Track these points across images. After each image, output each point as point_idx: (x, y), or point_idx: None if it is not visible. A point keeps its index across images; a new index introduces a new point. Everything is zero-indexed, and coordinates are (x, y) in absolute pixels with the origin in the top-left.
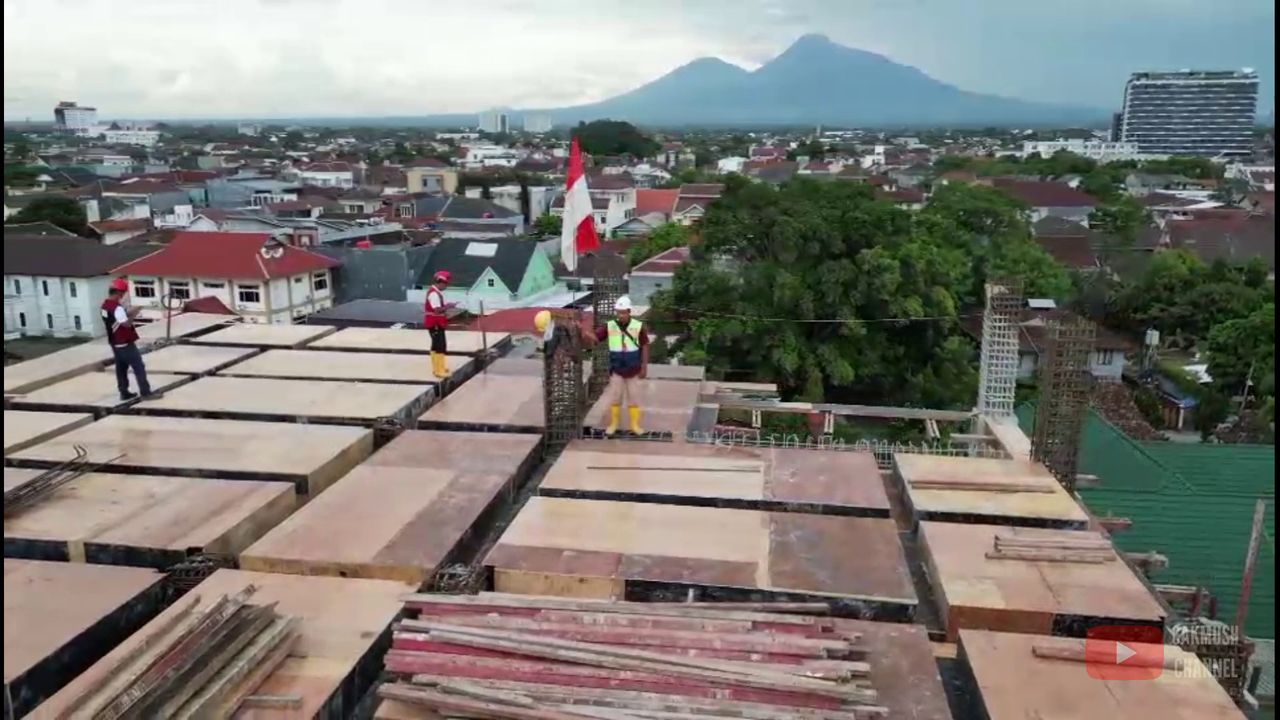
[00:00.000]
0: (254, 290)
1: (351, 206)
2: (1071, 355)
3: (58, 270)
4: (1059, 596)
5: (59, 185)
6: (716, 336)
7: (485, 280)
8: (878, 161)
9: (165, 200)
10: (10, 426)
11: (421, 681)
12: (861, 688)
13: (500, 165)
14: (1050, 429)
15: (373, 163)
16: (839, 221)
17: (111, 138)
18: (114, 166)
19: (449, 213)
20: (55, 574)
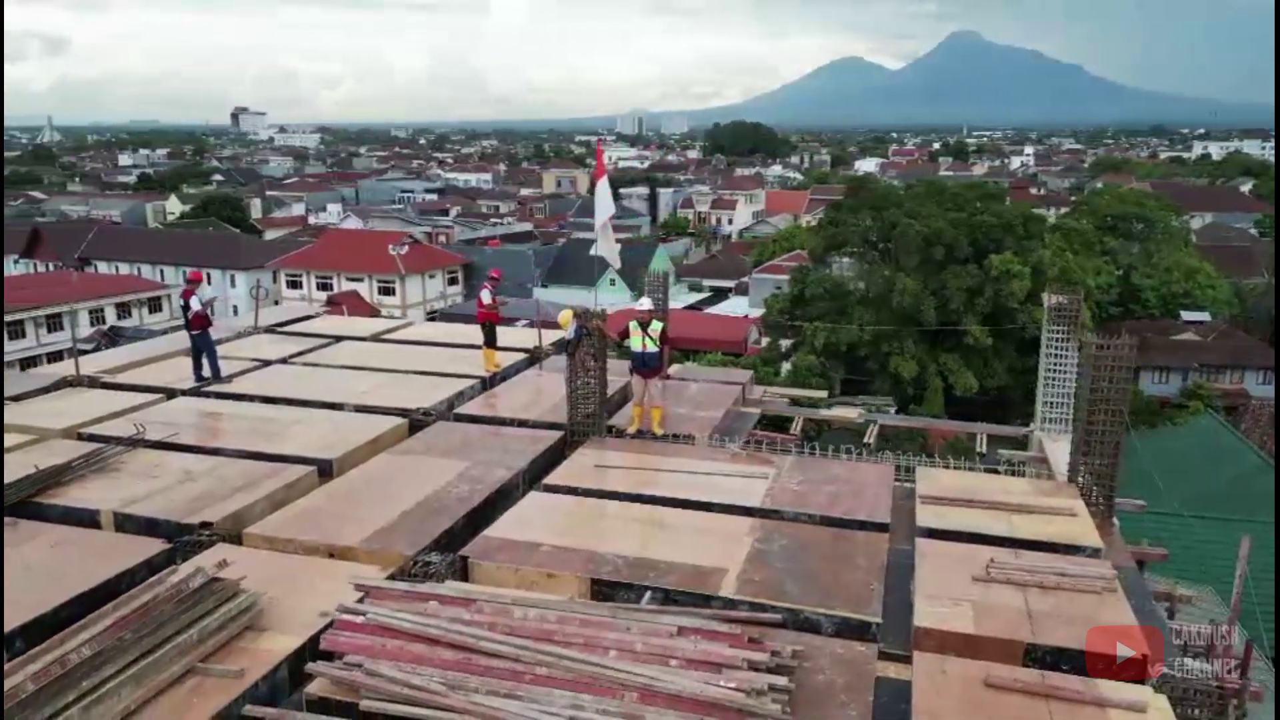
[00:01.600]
0: (390, 285)
1: (488, 206)
2: (1109, 373)
3: (220, 263)
4: (1036, 625)
5: (229, 184)
6: (831, 342)
7: (607, 279)
8: (1026, 163)
9: (320, 199)
10: (92, 403)
11: (350, 662)
12: (777, 701)
13: (632, 167)
14: (1088, 449)
15: (512, 165)
16: (965, 225)
17: (279, 140)
18: (278, 167)
19: (578, 213)
20: (77, 539)
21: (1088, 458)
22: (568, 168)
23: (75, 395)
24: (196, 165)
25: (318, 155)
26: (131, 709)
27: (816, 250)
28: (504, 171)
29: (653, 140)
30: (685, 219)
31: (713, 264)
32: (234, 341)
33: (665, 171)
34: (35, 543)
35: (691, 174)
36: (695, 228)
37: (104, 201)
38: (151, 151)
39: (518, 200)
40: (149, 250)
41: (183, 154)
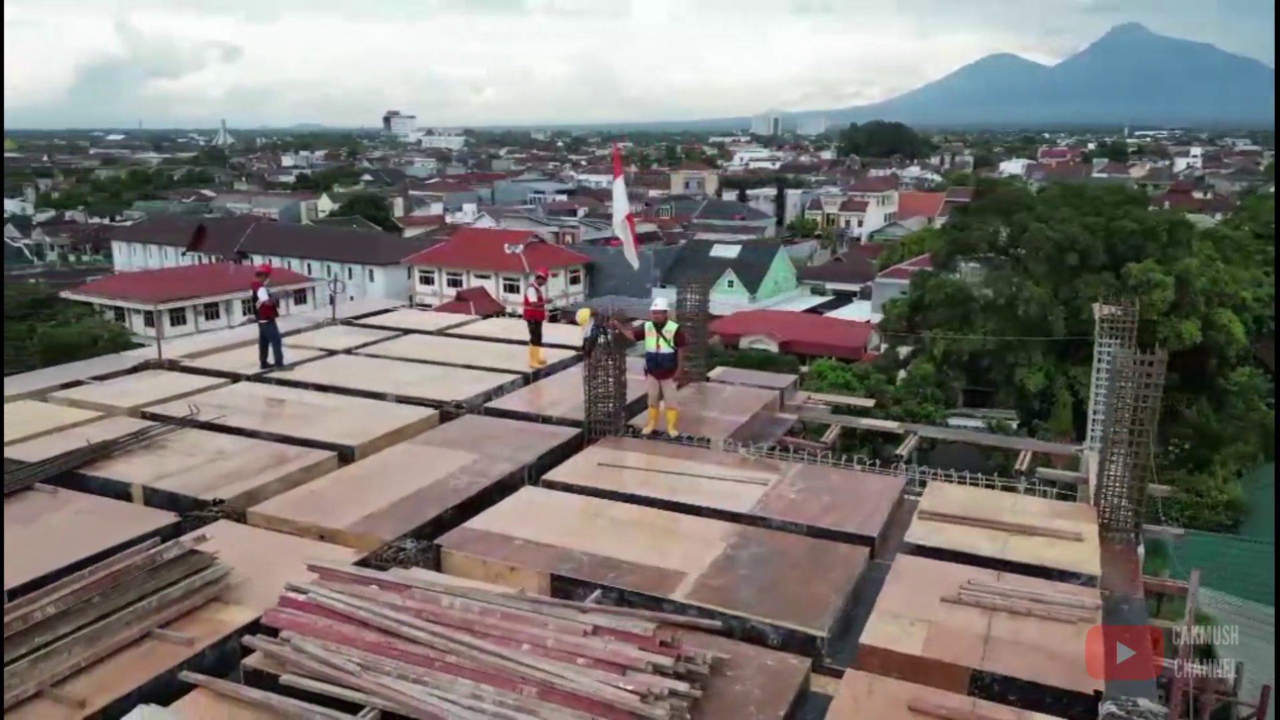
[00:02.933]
0: (515, 283)
1: None
2: (1137, 390)
3: (360, 258)
4: (990, 652)
5: (377, 184)
6: (952, 350)
7: (725, 281)
8: (1193, 165)
9: (458, 199)
10: (162, 385)
11: (284, 638)
12: (677, 707)
13: (763, 168)
14: (1112, 471)
15: (643, 166)
16: (1103, 230)
17: (426, 142)
18: (422, 168)
19: (703, 214)
20: (100, 509)
21: (1112, 480)
22: (697, 169)
23: (152, 377)
24: (349, 166)
25: (460, 157)
26: (81, 666)
27: (940, 254)
28: (634, 173)
29: (786, 141)
30: (813, 221)
31: (837, 267)
32: (310, 332)
33: (797, 172)
34: (64, 511)
35: (824, 175)
36: (823, 230)
37: (265, 200)
38: (310, 153)
39: (644, 201)
40: (298, 245)
41: (338, 156)
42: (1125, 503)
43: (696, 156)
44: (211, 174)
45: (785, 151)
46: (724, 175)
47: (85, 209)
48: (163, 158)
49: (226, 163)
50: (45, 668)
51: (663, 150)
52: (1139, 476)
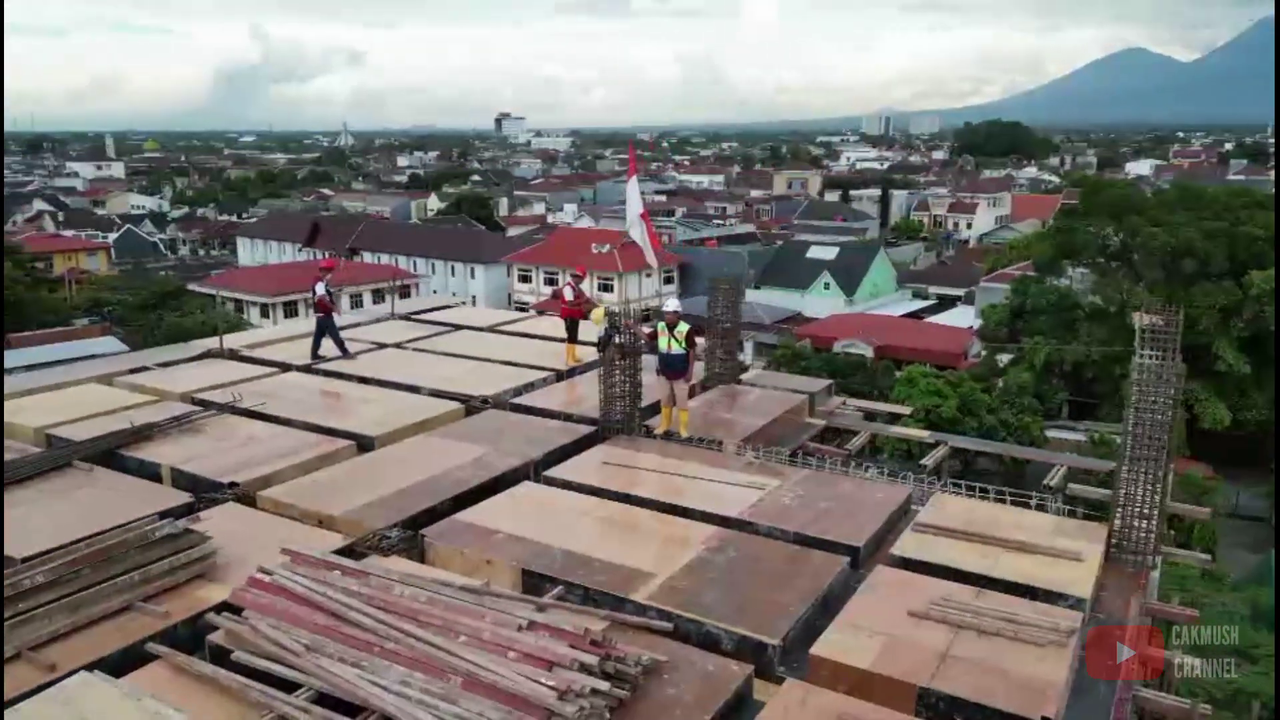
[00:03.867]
0: (610, 282)
1: (715, 208)
2: (1153, 402)
3: (463, 256)
4: (944, 670)
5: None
6: (1054, 359)
7: (821, 283)
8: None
9: (560, 199)
10: (217, 372)
11: (245, 616)
12: (596, 707)
13: (870, 168)
14: (1126, 488)
15: (746, 166)
16: (1224, 236)
17: (535, 144)
18: (528, 169)
19: (804, 215)
20: (124, 487)
21: (1127, 498)
22: (801, 169)
23: (211, 365)
24: (459, 167)
25: (566, 158)
26: (60, 633)
27: (1043, 258)
28: (736, 173)
29: (897, 141)
30: (918, 223)
31: (941, 270)
32: (369, 326)
33: (905, 173)
34: (93, 487)
35: (933, 176)
36: (929, 232)
37: (379, 199)
38: (424, 154)
39: (745, 202)
40: (406, 243)
41: (450, 156)
42: (1142, 523)
43: (802, 157)
44: (331, 174)
45: (895, 151)
46: (828, 176)
47: (215, 206)
48: (288, 158)
49: (346, 163)
50: (25, 631)
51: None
52: (1154, 495)
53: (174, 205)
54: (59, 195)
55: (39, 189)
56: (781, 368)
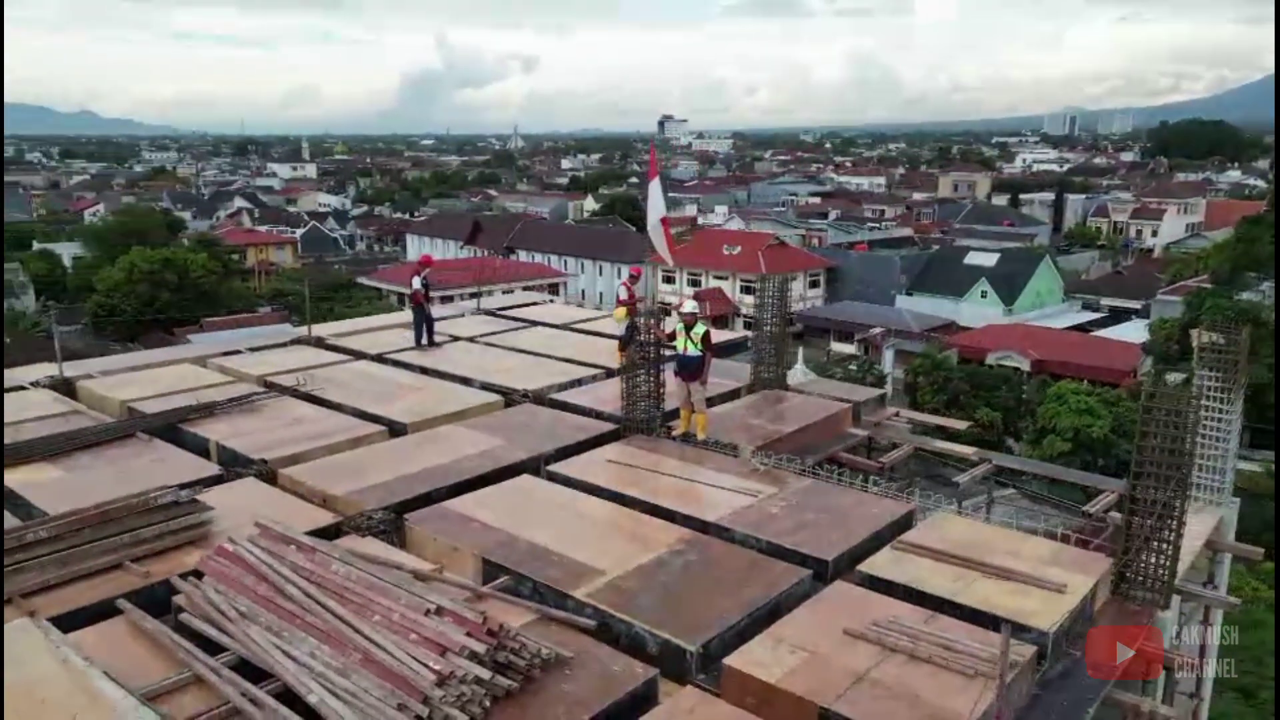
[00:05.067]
0: (753, 284)
1: (873, 210)
2: (1163, 429)
3: (609, 256)
4: (853, 693)
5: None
6: None
7: (977, 291)
8: None
9: (712, 200)
10: (295, 358)
11: (204, 583)
12: (474, 694)
13: (1049, 170)
14: (1133, 520)
15: (911, 168)
16: None
17: (696, 145)
18: (685, 170)
19: (967, 219)
20: (169, 457)
21: (1138, 529)
22: (969, 171)
23: (295, 351)
24: (618, 169)
25: (724, 160)
26: (50, 583)
27: (1222, 270)
28: (899, 175)
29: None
30: (1095, 229)
31: (1117, 280)
32: (454, 319)
33: (1086, 175)
34: (142, 457)
35: (1119, 179)
36: (1107, 239)
37: (539, 200)
38: (587, 156)
39: (905, 204)
40: (558, 242)
41: (611, 159)
42: (1154, 558)
43: (972, 158)
44: (499, 175)
45: (1077, 153)
46: (997, 178)
47: (391, 205)
48: (461, 160)
49: (513, 165)
50: (18, 579)
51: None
52: (1165, 527)
53: (355, 204)
54: (258, 194)
55: (241, 188)
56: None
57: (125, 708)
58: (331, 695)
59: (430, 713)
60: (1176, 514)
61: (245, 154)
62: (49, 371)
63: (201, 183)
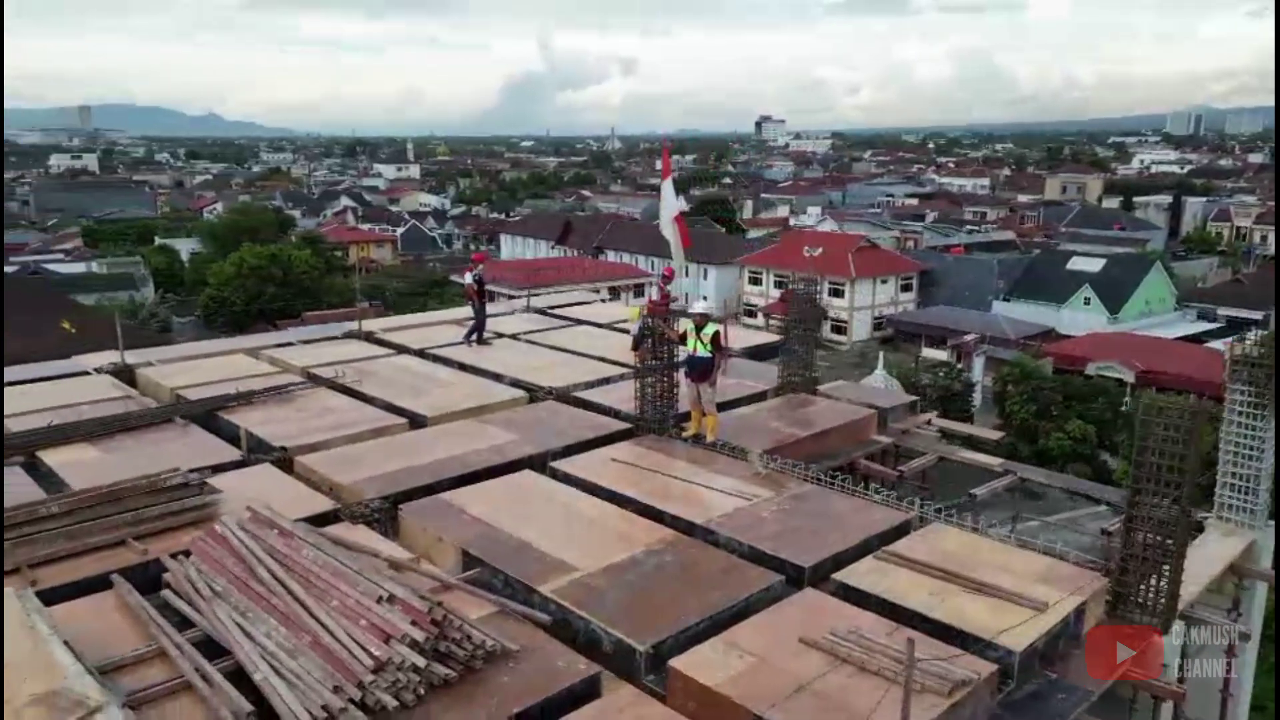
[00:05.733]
0: (840, 287)
1: (974, 213)
2: (1161, 443)
3: (697, 257)
4: (791, 702)
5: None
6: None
7: (1080, 298)
8: None
9: (806, 202)
10: (343, 351)
11: (191, 561)
12: (408, 681)
13: (1168, 172)
14: (1129, 539)
15: (1017, 168)
16: None
17: (794, 146)
18: (779, 171)
19: (1074, 222)
20: (198, 442)
21: (1134, 548)
22: (1079, 173)
23: (345, 344)
24: (712, 169)
25: (822, 160)
26: (57, 555)
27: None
28: (1004, 177)
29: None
30: (1215, 234)
31: (1236, 289)
32: (504, 317)
33: (1209, 177)
34: (177, 442)
35: (1244, 181)
36: (1228, 245)
37: (632, 200)
38: (682, 157)
39: (1009, 207)
40: (646, 242)
41: (706, 159)
42: (1153, 579)
43: (1085, 158)
44: (594, 176)
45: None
46: (1110, 180)
47: (488, 205)
48: (558, 161)
49: (609, 166)
50: (27, 550)
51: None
52: (1164, 547)
53: (454, 204)
54: (363, 193)
55: (348, 188)
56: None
57: (72, 674)
58: (276, 674)
59: (364, 696)
60: (1176, 533)
61: (354, 155)
62: (113, 358)
63: (312, 183)
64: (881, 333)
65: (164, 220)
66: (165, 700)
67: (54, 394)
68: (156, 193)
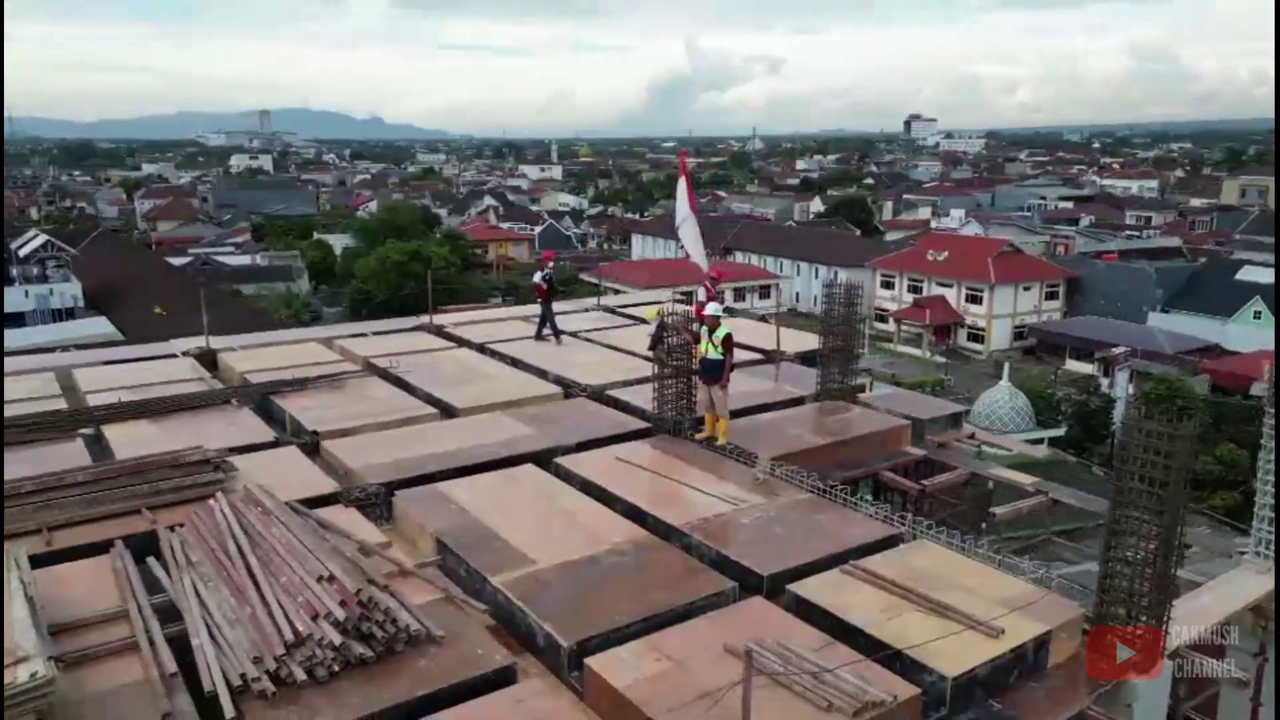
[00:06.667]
0: (979, 293)
1: (1137, 217)
2: (1144, 469)
3: (826, 259)
4: (689, 709)
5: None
6: None
7: (1249, 311)
8: None
9: (951, 203)
10: (406, 343)
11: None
12: (324, 659)
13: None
14: (1109, 572)
15: (1192, 170)
16: None
17: (944, 145)
18: (925, 172)
19: (1251, 229)
20: (243, 422)
21: (1114, 577)
22: (1262, 175)
23: (410, 336)
24: (855, 170)
25: (972, 160)
26: (75, 520)
27: None
28: (1176, 179)
29: None
30: None
31: None
32: (576, 314)
33: None
34: (223, 422)
35: None
36: None
37: (767, 201)
38: (824, 157)
39: (1178, 211)
40: (776, 244)
41: (849, 159)
42: (1133, 614)
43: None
44: (732, 177)
45: None
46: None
47: (623, 206)
48: (698, 161)
49: (747, 166)
50: (48, 514)
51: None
52: (1146, 579)
53: (592, 204)
54: (506, 193)
55: (493, 188)
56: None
57: (19, 628)
58: (212, 641)
59: (278, 669)
60: (1156, 566)
61: (502, 156)
62: (199, 343)
63: (460, 183)
64: (1023, 342)
65: (323, 217)
66: (111, 659)
67: (138, 373)
68: (319, 191)
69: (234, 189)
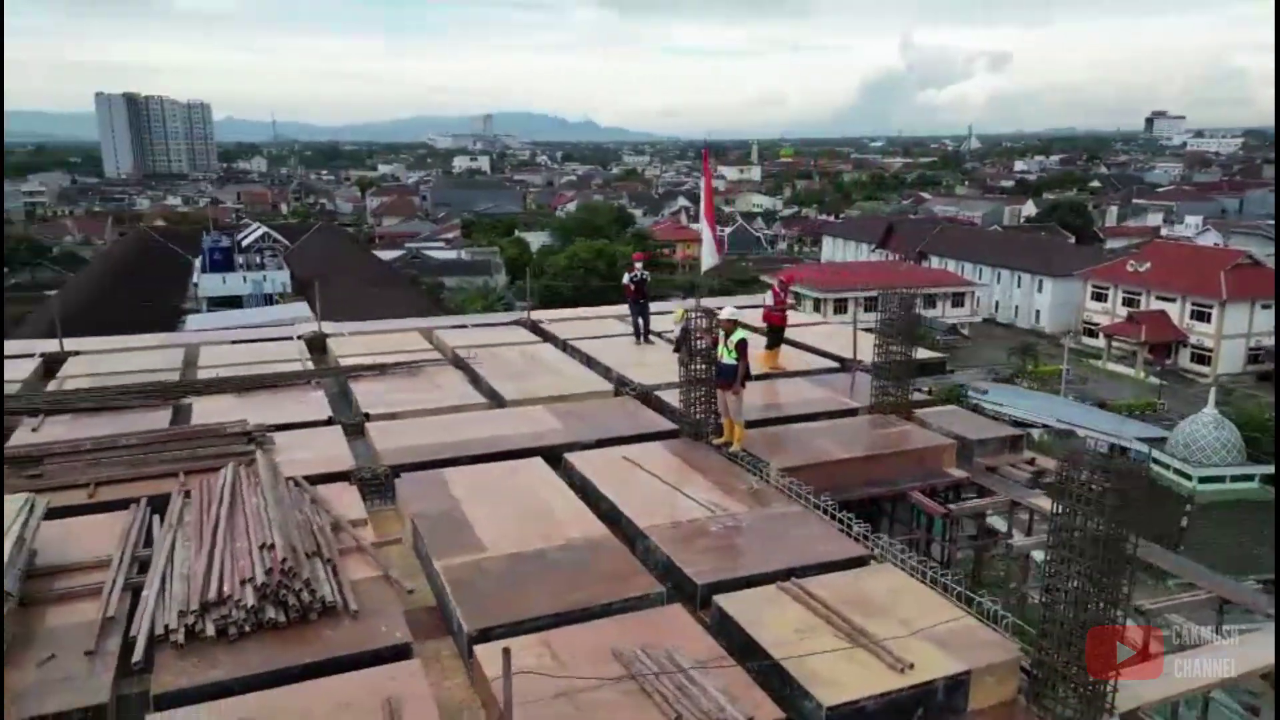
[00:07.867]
0: (1206, 310)
1: None
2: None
3: (1032, 267)
4: (544, 706)
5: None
6: None
7: None
8: None
9: (1188, 209)
10: (496, 335)
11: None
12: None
13: None
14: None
15: None
16: None
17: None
18: (1162, 174)
19: None
20: (309, 402)
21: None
22: None
23: (505, 330)
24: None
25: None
26: (118, 477)
27: None
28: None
29: None
30: None
31: None
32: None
33: None
34: (293, 400)
35: None
36: None
37: (974, 204)
38: (1045, 158)
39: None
40: (974, 250)
41: (1074, 160)
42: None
43: None
44: (940, 178)
45: None
46: None
47: (818, 207)
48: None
49: (958, 167)
50: (95, 470)
51: None
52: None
53: (787, 205)
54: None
55: (689, 189)
56: None
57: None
58: (159, 594)
59: (194, 624)
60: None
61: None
62: (314, 328)
63: (659, 184)
64: (1258, 366)
65: (526, 215)
66: (76, 601)
67: (252, 353)
68: (527, 191)
69: (450, 188)
